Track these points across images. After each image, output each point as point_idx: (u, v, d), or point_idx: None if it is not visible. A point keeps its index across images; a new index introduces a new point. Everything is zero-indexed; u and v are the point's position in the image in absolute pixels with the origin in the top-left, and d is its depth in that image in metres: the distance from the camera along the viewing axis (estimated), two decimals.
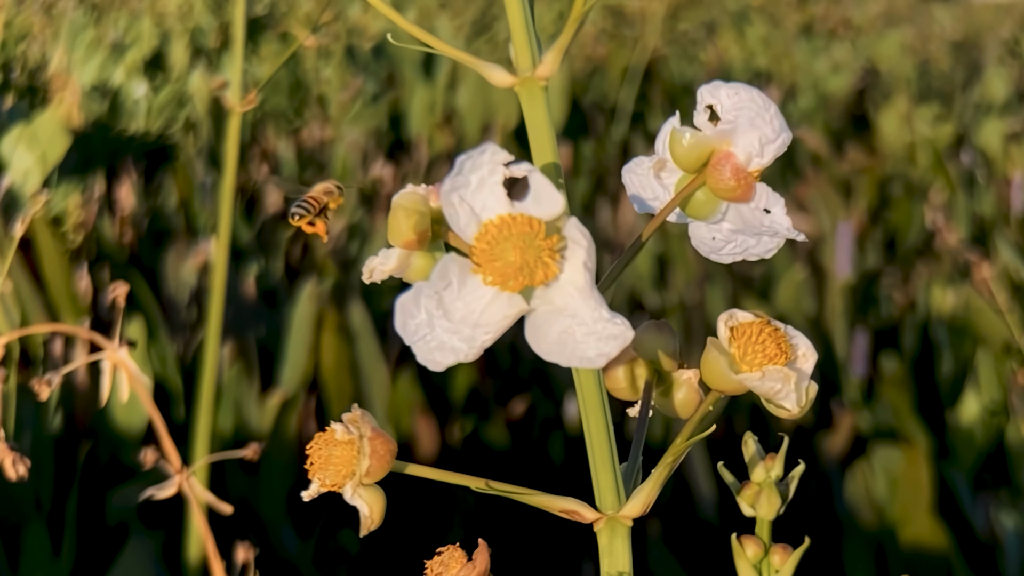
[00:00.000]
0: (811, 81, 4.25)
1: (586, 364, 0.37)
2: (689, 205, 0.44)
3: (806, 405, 0.43)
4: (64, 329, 1.25)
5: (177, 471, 0.76)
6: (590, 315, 0.37)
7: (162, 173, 2.59)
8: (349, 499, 0.43)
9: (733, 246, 0.43)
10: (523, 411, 1.93)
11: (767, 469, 0.48)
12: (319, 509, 1.72)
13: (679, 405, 0.46)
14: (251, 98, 1.10)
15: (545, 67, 0.42)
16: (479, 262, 0.37)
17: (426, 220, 0.42)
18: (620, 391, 0.46)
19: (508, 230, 0.37)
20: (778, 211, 0.43)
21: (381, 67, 3.71)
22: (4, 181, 2.10)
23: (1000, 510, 1.61)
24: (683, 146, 0.43)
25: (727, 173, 0.42)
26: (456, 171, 0.38)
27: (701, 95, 0.42)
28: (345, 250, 2.40)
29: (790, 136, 0.42)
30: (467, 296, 0.38)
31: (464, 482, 0.44)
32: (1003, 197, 2.96)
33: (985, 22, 6.46)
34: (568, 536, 1.68)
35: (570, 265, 0.37)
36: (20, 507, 1.41)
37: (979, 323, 2.05)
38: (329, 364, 1.83)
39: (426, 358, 0.38)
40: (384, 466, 0.43)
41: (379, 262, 0.44)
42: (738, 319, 0.43)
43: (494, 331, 0.38)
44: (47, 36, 3.66)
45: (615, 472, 0.44)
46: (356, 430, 0.43)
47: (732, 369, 0.42)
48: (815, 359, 0.43)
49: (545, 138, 0.42)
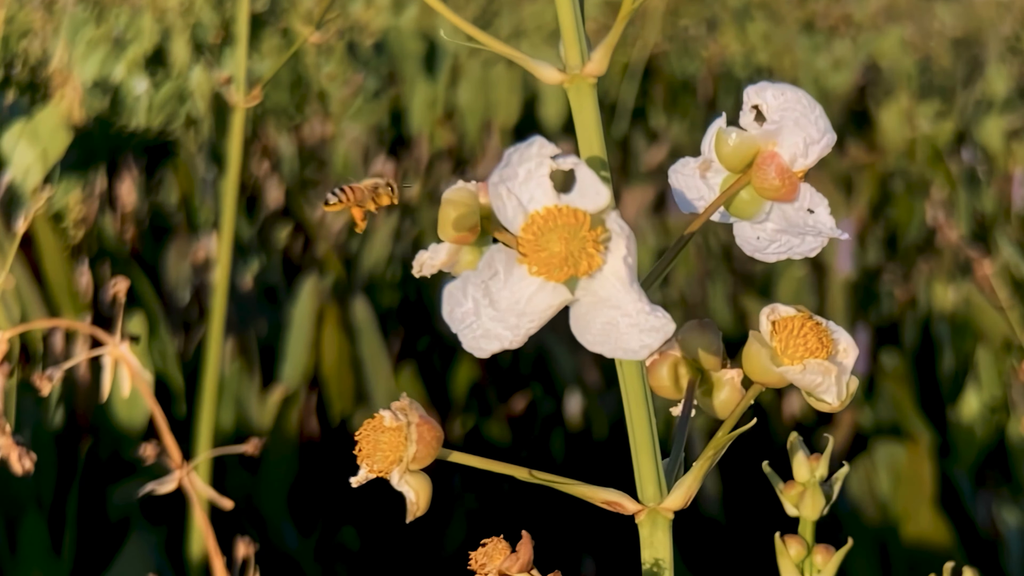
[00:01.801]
0: (812, 77, 4.24)
1: (629, 355, 0.38)
2: (733, 204, 0.44)
3: (847, 399, 0.43)
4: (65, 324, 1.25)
5: (178, 467, 0.76)
6: (633, 306, 0.38)
7: (163, 169, 2.59)
8: (396, 485, 0.44)
9: (777, 245, 0.44)
10: (524, 407, 1.93)
11: (812, 469, 0.48)
12: (320, 506, 1.72)
13: (722, 405, 0.46)
14: (255, 94, 1.10)
15: (594, 65, 0.42)
16: (525, 252, 0.38)
17: (475, 215, 0.42)
18: (664, 389, 0.47)
19: (554, 221, 0.38)
20: (822, 211, 0.44)
21: (382, 63, 3.71)
22: (5, 177, 2.10)
23: (1002, 506, 1.61)
24: (728, 146, 0.43)
25: (772, 173, 0.43)
26: (504, 163, 0.39)
27: (747, 95, 0.43)
28: (346, 246, 2.40)
29: (834, 137, 0.43)
30: (513, 285, 0.39)
31: (507, 471, 0.45)
32: (1004, 194, 2.96)
33: (986, 18, 6.45)
34: (569, 533, 1.68)
35: (613, 257, 0.38)
36: (21, 503, 1.41)
37: (980, 320, 2.05)
38: (330, 360, 1.83)
39: (472, 345, 0.39)
40: (431, 452, 0.44)
41: (428, 256, 0.44)
42: (780, 313, 0.43)
43: (538, 320, 0.39)
44: (48, 32, 3.66)
45: (657, 465, 0.45)
46: (404, 417, 0.44)
47: (774, 362, 0.43)
48: (856, 354, 0.43)
49: (592, 133, 0.43)
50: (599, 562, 1.69)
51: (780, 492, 0.49)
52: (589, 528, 1.68)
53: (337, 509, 1.72)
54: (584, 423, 1.89)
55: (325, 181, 2.86)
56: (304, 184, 2.84)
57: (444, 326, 2.21)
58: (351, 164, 2.89)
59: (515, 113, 3.43)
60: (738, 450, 0.48)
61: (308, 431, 1.79)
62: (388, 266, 2.32)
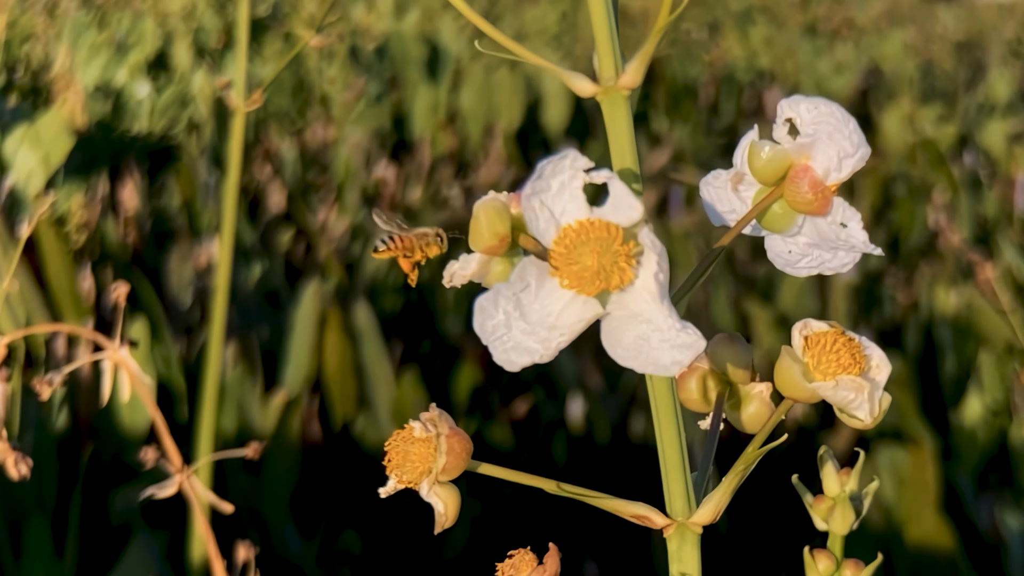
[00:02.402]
0: (814, 81, 4.24)
1: (660, 371, 0.38)
2: (765, 218, 0.44)
3: (879, 416, 0.43)
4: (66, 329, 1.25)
5: (178, 471, 0.76)
6: (664, 322, 0.38)
7: (165, 173, 2.59)
8: (425, 496, 0.43)
9: (809, 260, 0.44)
10: (526, 412, 1.93)
11: (842, 484, 0.48)
12: (322, 510, 1.72)
13: (750, 419, 0.46)
14: (255, 98, 1.10)
15: (628, 77, 0.42)
16: (557, 265, 0.38)
17: (507, 226, 0.42)
18: (692, 402, 0.46)
19: (586, 235, 0.38)
20: (854, 225, 0.43)
21: (384, 68, 3.72)
22: (7, 182, 2.10)
23: (1004, 510, 1.61)
24: (761, 159, 0.43)
25: (805, 187, 0.42)
26: (537, 175, 0.38)
27: (781, 108, 0.43)
28: (348, 250, 2.40)
29: (868, 151, 0.42)
30: (544, 298, 0.39)
31: (536, 483, 0.45)
32: (1006, 197, 2.95)
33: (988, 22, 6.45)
34: (571, 538, 1.68)
35: (644, 271, 0.38)
36: (23, 507, 1.41)
37: (982, 323, 2.05)
38: (332, 364, 1.83)
39: (502, 358, 0.39)
40: (460, 464, 0.44)
41: (459, 267, 0.44)
42: (813, 328, 0.43)
43: (569, 333, 0.38)
44: (50, 37, 3.66)
45: (686, 479, 0.44)
46: (434, 428, 0.44)
47: (806, 378, 0.42)
48: (889, 370, 0.43)
49: (626, 146, 0.42)
50: (601, 566, 1.68)
51: (809, 506, 0.48)
52: (591, 532, 1.68)
53: (339, 513, 1.72)
54: (586, 427, 1.89)
55: (327, 185, 2.86)
56: (306, 188, 2.84)
57: (446, 330, 2.20)
58: (353, 169, 2.89)
59: (517, 117, 3.43)
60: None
61: (310, 435, 1.78)
62: (390, 270, 2.32)
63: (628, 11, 5.31)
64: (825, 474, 0.48)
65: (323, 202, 2.69)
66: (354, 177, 2.86)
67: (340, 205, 2.69)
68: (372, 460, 1.79)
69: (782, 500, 1.64)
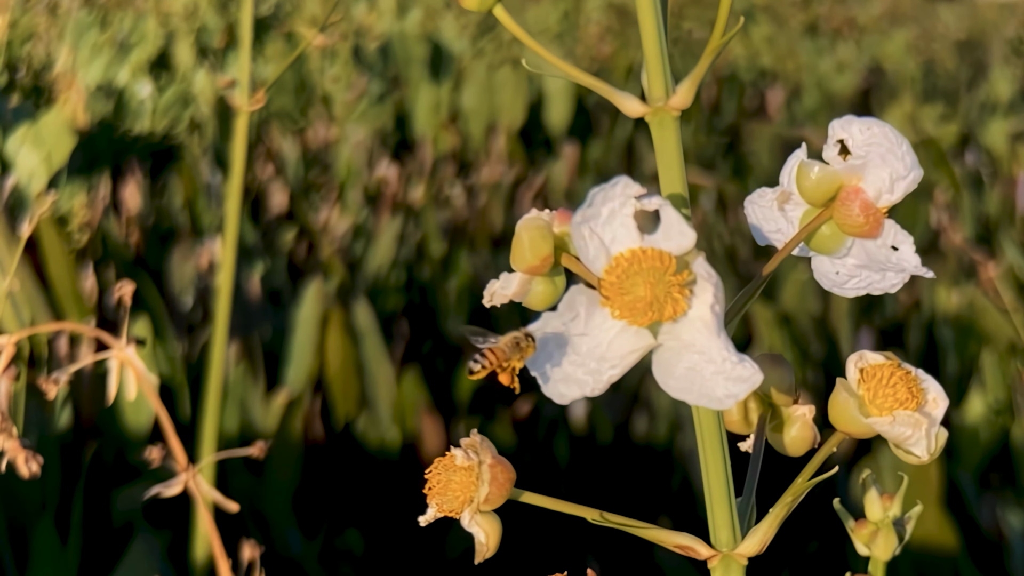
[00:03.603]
0: (816, 80, 4.24)
1: (714, 404, 0.36)
2: (814, 239, 0.43)
3: (936, 452, 0.42)
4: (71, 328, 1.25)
5: (183, 469, 0.77)
6: (719, 353, 0.37)
7: (167, 173, 2.60)
8: (466, 525, 0.43)
9: (857, 281, 0.43)
10: (528, 411, 1.93)
11: (884, 509, 0.47)
12: (324, 509, 1.72)
13: (792, 442, 0.45)
14: (258, 98, 1.10)
15: (678, 98, 0.41)
16: (608, 295, 0.37)
17: (549, 246, 0.41)
18: (733, 424, 0.45)
19: (638, 264, 0.37)
20: (906, 248, 0.42)
21: (386, 67, 3.72)
22: (10, 181, 2.10)
23: (1006, 509, 1.61)
24: (811, 179, 0.42)
25: (856, 209, 0.41)
26: (587, 203, 0.37)
27: (833, 129, 0.42)
28: (350, 250, 2.40)
29: (921, 172, 0.41)
30: (594, 329, 0.38)
31: (579, 512, 0.44)
32: (1008, 197, 2.95)
33: (990, 21, 6.45)
34: (572, 536, 1.68)
35: (698, 301, 0.37)
36: (27, 506, 1.41)
37: (984, 323, 2.05)
38: (334, 364, 1.83)
39: (551, 390, 0.38)
40: (503, 494, 0.43)
41: (500, 286, 0.43)
42: (868, 360, 0.42)
43: (621, 365, 0.37)
44: (52, 36, 3.66)
45: (731, 509, 0.43)
46: (475, 456, 0.43)
47: (861, 412, 0.41)
48: (946, 404, 0.42)
49: (675, 169, 0.41)
50: (603, 564, 1.69)
51: (851, 531, 0.47)
52: (592, 531, 1.68)
53: (341, 513, 1.73)
54: (588, 427, 1.89)
55: (329, 185, 2.86)
56: (308, 188, 2.84)
57: (448, 329, 2.20)
58: (355, 168, 2.89)
59: (520, 116, 3.43)
60: (742, 458, 0.48)
61: (312, 434, 1.79)
62: (392, 269, 2.32)
63: (630, 10, 5.31)
64: (868, 499, 0.47)
65: (325, 201, 2.69)
66: (356, 176, 2.86)
67: (342, 204, 2.69)
68: (374, 459, 1.79)
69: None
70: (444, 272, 2.33)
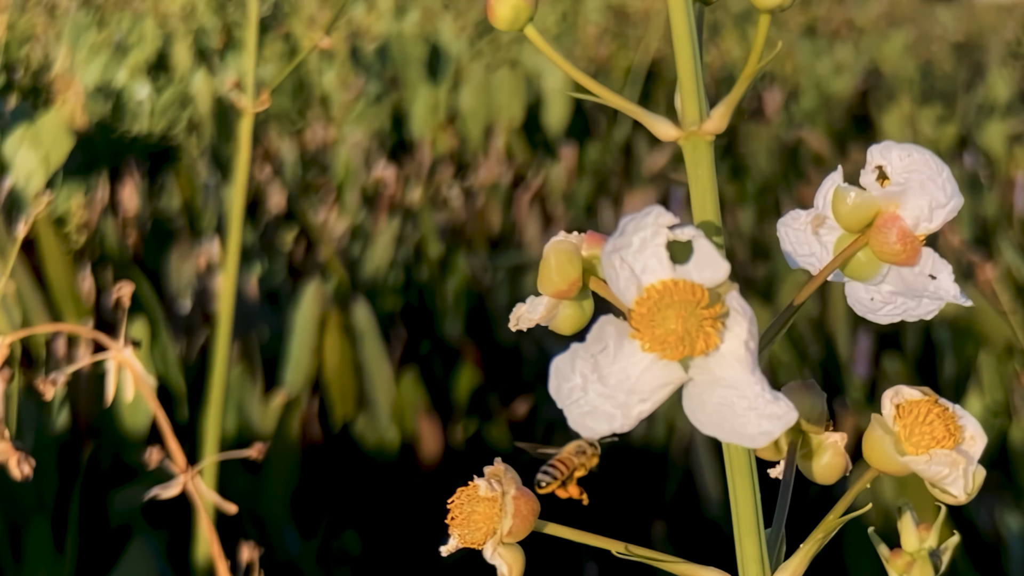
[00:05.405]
0: (814, 82, 4.25)
1: (746, 442, 0.35)
2: (849, 266, 0.42)
3: (973, 491, 0.41)
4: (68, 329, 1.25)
5: (182, 471, 0.76)
6: (751, 389, 0.36)
7: (165, 174, 2.59)
8: (489, 558, 0.42)
9: (892, 307, 0.42)
10: (526, 412, 1.93)
11: (921, 539, 0.46)
12: (322, 510, 1.72)
13: (823, 469, 0.44)
14: (263, 99, 1.10)
15: (713, 122, 0.40)
16: (638, 327, 0.36)
17: (578, 270, 0.40)
18: (763, 451, 0.45)
19: (670, 297, 0.36)
20: (945, 277, 0.41)
21: (384, 68, 3.72)
22: (7, 182, 2.10)
23: (1004, 510, 1.61)
24: (847, 205, 0.41)
25: (893, 236, 0.40)
26: (619, 232, 0.37)
27: (871, 154, 0.41)
28: (348, 251, 2.40)
29: (961, 201, 0.40)
30: (623, 361, 0.37)
31: (604, 545, 0.43)
32: (1006, 198, 2.96)
33: (988, 23, 6.45)
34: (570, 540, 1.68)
35: (731, 336, 0.36)
36: (23, 507, 1.41)
37: (982, 324, 2.05)
38: (332, 365, 1.83)
39: (578, 423, 0.37)
40: (526, 526, 0.42)
41: (527, 310, 0.42)
42: (905, 396, 0.41)
43: (651, 400, 0.36)
44: (50, 37, 3.66)
45: (760, 541, 0.42)
46: (499, 487, 0.42)
47: (897, 450, 0.40)
48: (984, 443, 0.41)
49: (708, 196, 0.40)
50: (601, 567, 1.69)
51: (886, 561, 0.46)
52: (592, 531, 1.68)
53: (339, 514, 1.72)
54: None
55: (327, 185, 2.86)
56: (306, 189, 2.84)
57: (446, 330, 2.20)
58: (353, 169, 2.89)
59: (518, 118, 3.43)
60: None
61: (310, 436, 1.79)
62: (390, 270, 2.32)
63: (629, 11, 5.31)
64: (904, 528, 0.46)
65: (323, 202, 2.69)
66: (354, 177, 2.86)
67: (340, 205, 2.69)
68: (372, 460, 1.79)
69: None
70: (442, 273, 2.33)
